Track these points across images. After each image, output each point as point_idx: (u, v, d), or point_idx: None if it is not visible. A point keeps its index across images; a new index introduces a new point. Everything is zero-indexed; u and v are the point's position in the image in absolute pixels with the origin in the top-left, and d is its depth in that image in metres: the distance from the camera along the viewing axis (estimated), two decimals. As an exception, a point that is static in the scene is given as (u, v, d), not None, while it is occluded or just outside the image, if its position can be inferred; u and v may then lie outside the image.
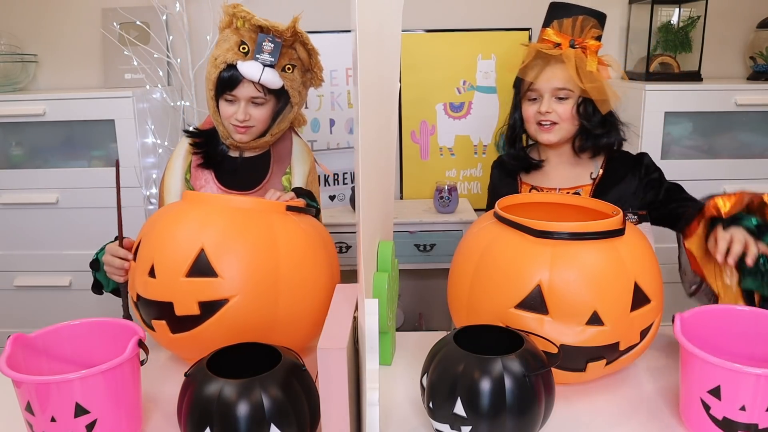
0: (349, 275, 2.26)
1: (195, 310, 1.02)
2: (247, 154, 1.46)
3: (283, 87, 1.36)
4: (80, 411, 0.83)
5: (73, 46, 2.39)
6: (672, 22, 2.21)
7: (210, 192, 1.43)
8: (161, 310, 1.05)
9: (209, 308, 1.02)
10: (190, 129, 1.47)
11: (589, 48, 1.35)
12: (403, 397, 1.06)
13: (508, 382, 0.83)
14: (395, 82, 1.30)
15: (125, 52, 2.25)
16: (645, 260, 1.06)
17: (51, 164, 2.17)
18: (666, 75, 2.19)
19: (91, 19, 2.34)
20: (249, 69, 1.31)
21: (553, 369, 1.02)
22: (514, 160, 1.47)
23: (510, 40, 2.28)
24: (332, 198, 2.34)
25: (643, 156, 1.42)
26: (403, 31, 1.30)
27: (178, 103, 2.31)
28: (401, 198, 2.43)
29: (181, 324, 1.04)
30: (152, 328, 1.09)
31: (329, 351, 0.79)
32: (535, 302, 1.00)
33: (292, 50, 1.35)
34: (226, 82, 1.34)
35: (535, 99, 1.37)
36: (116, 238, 1.20)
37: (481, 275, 1.07)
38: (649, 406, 1.04)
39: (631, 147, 1.51)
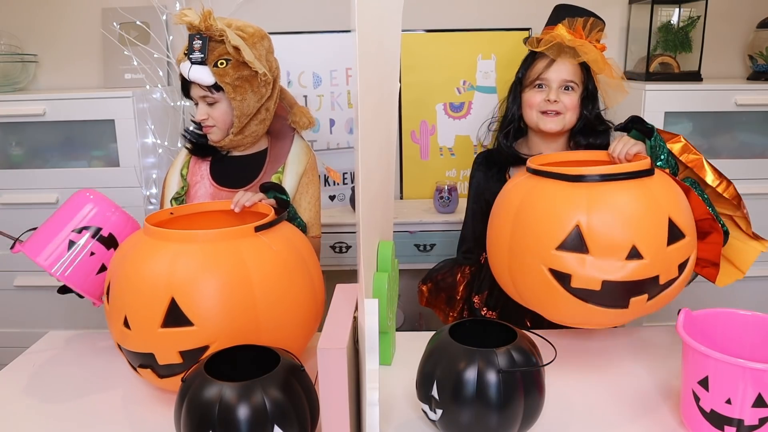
0: (349, 275, 2.27)
1: (177, 359, 1.00)
2: (239, 153, 1.47)
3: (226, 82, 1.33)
4: None
5: (72, 46, 2.38)
6: (672, 22, 2.21)
7: (203, 188, 1.44)
8: (144, 358, 1.03)
9: (191, 356, 0.99)
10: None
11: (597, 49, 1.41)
12: (403, 398, 1.06)
13: (480, 375, 0.86)
14: (395, 82, 1.30)
15: (125, 52, 2.25)
16: (676, 198, 1.10)
17: (51, 164, 2.17)
18: (666, 75, 2.18)
19: (91, 19, 2.34)
20: (183, 69, 1.34)
21: (595, 308, 1.06)
22: (509, 151, 1.48)
23: (510, 40, 2.27)
24: (332, 198, 2.34)
25: None
26: (403, 31, 1.30)
27: (178, 103, 2.30)
28: (401, 198, 2.43)
29: (167, 369, 1.02)
30: (138, 372, 1.08)
31: (329, 351, 0.79)
32: (576, 242, 1.04)
33: (223, 45, 1.32)
34: (183, 87, 1.39)
35: (541, 87, 1.41)
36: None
37: (521, 223, 1.11)
38: (649, 404, 1.04)
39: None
